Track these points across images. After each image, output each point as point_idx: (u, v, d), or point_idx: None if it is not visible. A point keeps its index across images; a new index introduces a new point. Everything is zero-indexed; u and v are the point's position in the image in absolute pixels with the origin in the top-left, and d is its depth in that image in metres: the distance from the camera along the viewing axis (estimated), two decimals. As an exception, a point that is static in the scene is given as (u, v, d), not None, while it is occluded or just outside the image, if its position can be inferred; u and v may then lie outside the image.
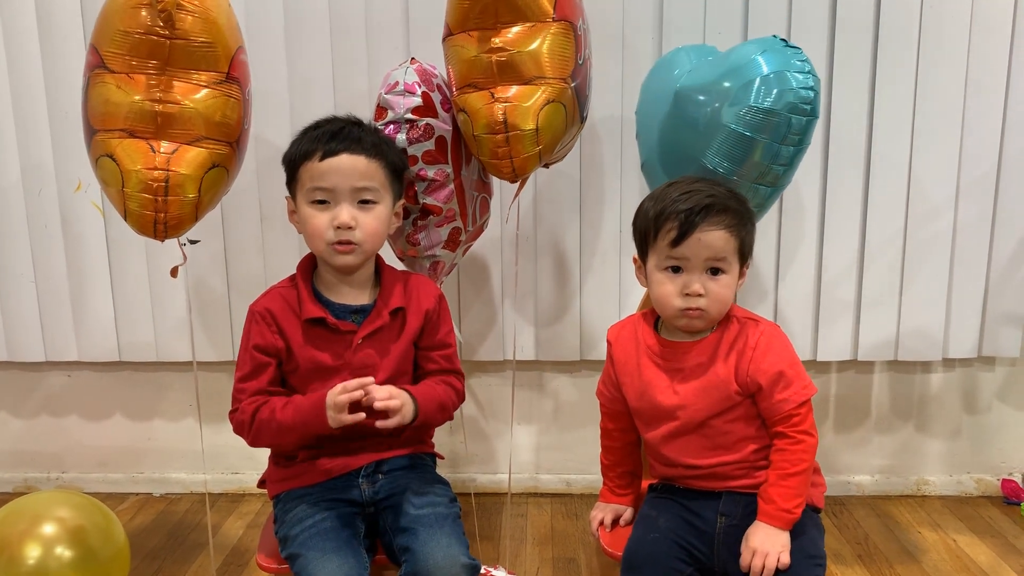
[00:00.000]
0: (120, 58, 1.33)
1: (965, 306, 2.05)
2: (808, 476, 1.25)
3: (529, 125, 1.41)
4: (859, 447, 2.19)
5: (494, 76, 1.43)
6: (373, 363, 1.34)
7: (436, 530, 1.26)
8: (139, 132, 1.35)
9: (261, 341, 1.33)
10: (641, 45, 1.95)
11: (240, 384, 1.34)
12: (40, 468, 2.28)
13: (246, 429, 1.32)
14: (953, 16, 1.91)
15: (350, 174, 1.31)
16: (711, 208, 1.23)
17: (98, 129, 1.36)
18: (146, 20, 1.32)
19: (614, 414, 1.42)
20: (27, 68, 2.01)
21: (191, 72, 1.37)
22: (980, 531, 1.98)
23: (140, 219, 1.37)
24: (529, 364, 2.15)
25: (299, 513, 1.30)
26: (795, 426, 1.24)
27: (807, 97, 1.36)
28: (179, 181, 1.36)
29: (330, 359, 1.34)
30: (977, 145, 1.97)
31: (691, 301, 1.25)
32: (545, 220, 2.06)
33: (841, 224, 2.02)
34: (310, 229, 1.32)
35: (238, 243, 2.07)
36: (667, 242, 1.25)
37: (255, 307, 1.36)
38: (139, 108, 1.34)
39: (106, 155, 1.35)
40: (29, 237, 2.09)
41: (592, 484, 2.19)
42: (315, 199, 1.31)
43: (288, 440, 1.32)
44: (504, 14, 1.41)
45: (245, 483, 2.22)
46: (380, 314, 1.36)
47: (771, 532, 1.21)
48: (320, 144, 1.31)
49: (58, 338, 2.15)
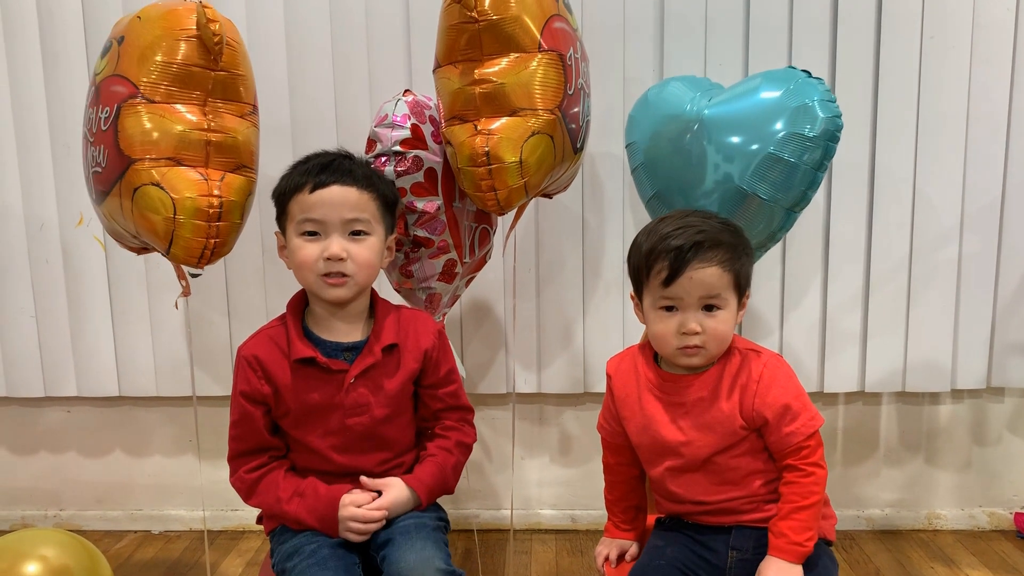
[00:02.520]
0: (160, 88, 1.35)
1: (973, 336, 2.03)
2: (819, 508, 1.22)
3: (511, 158, 1.40)
4: (868, 480, 2.16)
5: (478, 108, 1.42)
6: (367, 402, 1.32)
7: (413, 536, 1.25)
8: (187, 160, 1.37)
9: (247, 388, 1.31)
10: (643, 77, 1.95)
11: (233, 431, 1.34)
12: (38, 505, 2.26)
13: (244, 496, 1.33)
14: (954, 47, 1.92)
15: (341, 205, 1.29)
16: (702, 245, 1.21)
17: (137, 158, 1.35)
18: (191, 52, 1.35)
19: (616, 448, 1.39)
20: (30, 102, 2.03)
21: (229, 103, 1.42)
22: (994, 566, 1.94)
23: (189, 245, 1.37)
24: (531, 397, 2.13)
25: (295, 544, 1.28)
26: (805, 458, 1.22)
27: (840, 125, 1.45)
28: (229, 207, 1.39)
29: (321, 399, 1.31)
30: (981, 175, 1.97)
31: (688, 339, 1.23)
32: (546, 251, 2.05)
33: (846, 254, 2.01)
34: (299, 260, 1.29)
35: (239, 276, 2.07)
36: (659, 282, 1.23)
37: (243, 351, 1.33)
38: (189, 137, 1.36)
39: (151, 184, 1.34)
40: (30, 272, 2.09)
41: (597, 519, 2.15)
42: (305, 231, 1.29)
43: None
44: (489, 45, 1.40)
45: (245, 520, 2.19)
46: (372, 351, 1.32)
47: (784, 567, 1.18)
48: (310, 176, 1.29)
49: (58, 373, 2.13)
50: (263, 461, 1.33)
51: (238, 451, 1.34)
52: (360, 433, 1.32)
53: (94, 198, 1.46)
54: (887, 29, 1.92)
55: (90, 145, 1.42)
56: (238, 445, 1.34)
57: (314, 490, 1.30)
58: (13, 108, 2.03)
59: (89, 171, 1.44)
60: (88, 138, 1.43)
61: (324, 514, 1.27)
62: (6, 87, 2.03)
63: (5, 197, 2.06)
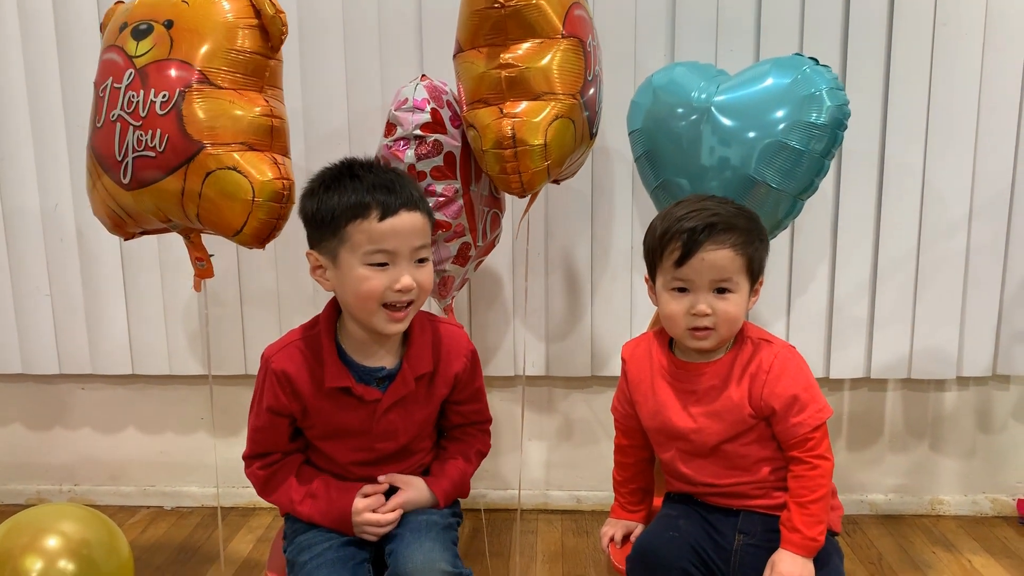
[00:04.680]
0: (224, 74, 1.38)
1: (979, 324, 2.04)
2: (828, 500, 1.24)
3: (537, 140, 1.42)
4: (872, 465, 2.17)
5: (503, 92, 1.44)
6: (395, 429, 1.30)
7: (421, 535, 1.25)
8: (257, 145, 1.39)
9: (275, 403, 1.27)
10: (653, 63, 1.95)
11: (255, 435, 1.31)
12: (52, 480, 2.29)
13: (258, 491, 1.33)
14: (967, 34, 1.92)
15: (411, 235, 1.21)
16: (715, 227, 1.22)
17: (208, 143, 1.36)
18: (251, 40, 1.39)
19: (628, 430, 1.41)
20: (45, 83, 2.04)
21: (275, 88, 1.47)
22: (995, 551, 1.96)
23: (261, 227, 1.40)
24: (539, 380, 2.15)
25: (309, 539, 1.27)
26: (810, 450, 1.23)
27: (848, 113, 1.46)
28: (293, 190, 1.41)
29: (351, 424, 1.28)
30: (991, 164, 1.97)
31: (698, 321, 1.24)
32: (556, 236, 2.06)
33: (854, 242, 2.02)
34: (365, 292, 1.20)
35: (251, 257, 2.09)
36: (671, 262, 1.24)
37: (273, 364, 1.27)
38: (257, 123, 1.39)
39: (227, 168, 1.36)
40: (45, 250, 2.11)
41: (603, 501, 2.18)
42: (375, 262, 1.20)
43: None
44: (514, 30, 1.42)
45: (256, 497, 2.20)
46: (406, 381, 1.28)
47: (797, 560, 1.20)
48: (374, 200, 1.19)
49: (72, 351, 2.16)
50: (277, 457, 1.32)
51: (255, 452, 1.32)
52: (386, 454, 1.32)
53: (126, 183, 1.42)
54: (899, 16, 1.92)
55: (135, 129, 1.39)
56: (258, 447, 1.31)
57: (326, 492, 1.29)
58: (28, 89, 2.05)
59: (129, 156, 1.41)
60: (130, 121, 1.40)
61: (337, 518, 1.27)
62: (20, 68, 2.04)
63: (20, 177, 2.08)
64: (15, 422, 2.28)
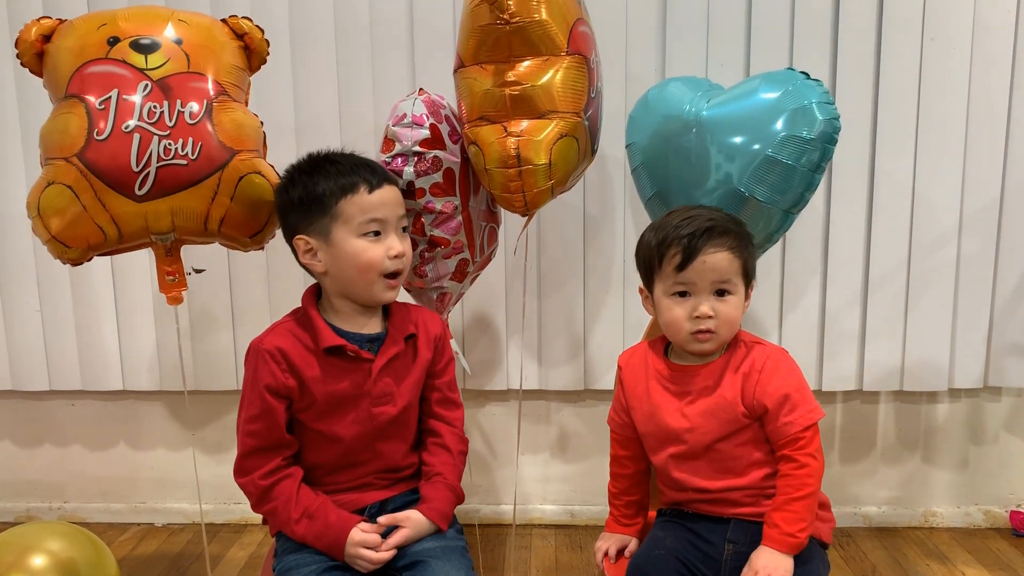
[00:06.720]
0: (234, 88, 1.47)
1: (971, 336, 2.05)
2: (814, 500, 1.24)
3: (542, 159, 1.41)
4: (865, 478, 2.18)
5: (507, 110, 1.43)
6: (391, 391, 1.33)
7: (446, 563, 1.25)
8: (260, 152, 1.49)
9: (272, 381, 1.28)
10: (645, 77, 1.96)
11: (250, 427, 1.29)
12: (42, 498, 2.27)
13: (254, 503, 1.32)
14: (955, 48, 1.93)
15: (396, 205, 1.33)
16: (712, 231, 1.25)
17: (239, 150, 1.42)
18: (241, 57, 1.52)
19: (625, 440, 1.41)
20: (36, 94, 2.02)
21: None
22: (989, 563, 1.96)
23: (273, 228, 1.50)
24: (534, 394, 2.15)
25: (299, 559, 1.27)
26: (800, 449, 1.24)
27: (838, 127, 1.44)
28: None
29: (349, 388, 1.31)
30: (981, 176, 1.98)
31: (701, 323, 1.26)
32: (549, 250, 2.06)
33: (845, 255, 2.02)
34: (366, 262, 1.29)
35: (242, 271, 2.08)
36: (672, 267, 1.26)
37: (263, 345, 1.29)
38: (258, 132, 1.49)
39: (254, 172, 1.44)
40: (35, 266, 2.10)
41: (597, 515, 2.17)
42: (370, 231, 1.29)
43: None
44: (518, 47, 1.41)
45: (247, 514, 2.20)
46: (396, 341, 1.34)
47: (775, 556, 1.20)
48: (359, 176, 1.29)
49: (63, 367, 2.15)
50: (278, 464, 1.29)
51: (254, 447, 1.29)
52: (384, 423, 1.33)
53: (142, 194, 1.39)
54: (888, 31, 1.93)
55: (160, 139, 1.38)
56: (254, 441, 1.29)
57: (324, 515, 1.27)
58: (19, 102, 2.05)
59: (152, 165, 1.38)
60: (153, 131, 1.38)
61: (330, 543, 1.26)
62: (11, 81, 2.04)
63: (10, 192, 2.07)
64: (4, 439, 2.26)
